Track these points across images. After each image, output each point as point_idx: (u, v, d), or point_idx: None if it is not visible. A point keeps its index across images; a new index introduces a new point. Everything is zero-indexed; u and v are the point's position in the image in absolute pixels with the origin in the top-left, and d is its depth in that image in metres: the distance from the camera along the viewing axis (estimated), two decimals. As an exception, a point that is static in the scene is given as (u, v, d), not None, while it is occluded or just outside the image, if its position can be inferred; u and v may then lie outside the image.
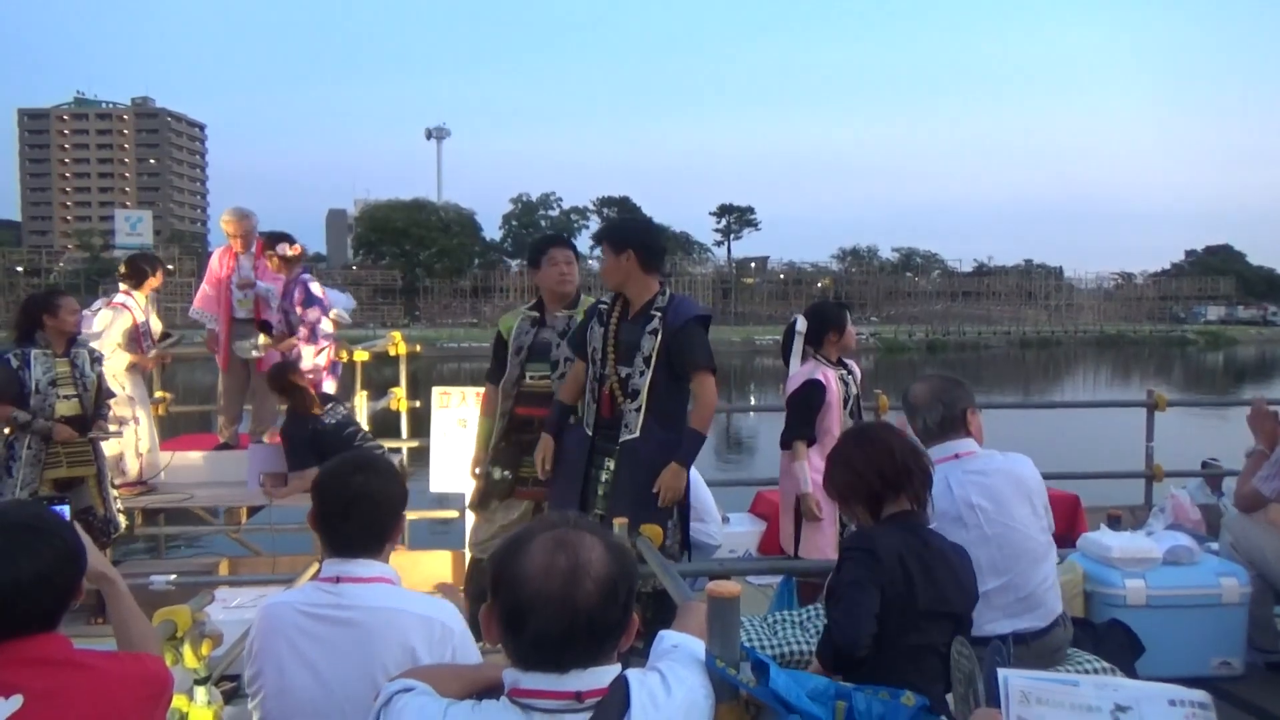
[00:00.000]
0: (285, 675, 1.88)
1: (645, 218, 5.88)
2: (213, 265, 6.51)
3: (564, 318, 3.94)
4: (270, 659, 1.91)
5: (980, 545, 2.51)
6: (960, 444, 2.68)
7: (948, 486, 2.59)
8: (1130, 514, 5.62)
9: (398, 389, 6.81)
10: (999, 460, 2.69)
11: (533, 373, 3.92)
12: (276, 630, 1.91)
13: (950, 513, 2.56)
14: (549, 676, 1.29)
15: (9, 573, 1.42)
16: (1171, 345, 63.06)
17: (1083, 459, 7.41)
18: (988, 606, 2.48)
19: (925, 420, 2.72)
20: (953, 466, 2.64)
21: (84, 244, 78.81)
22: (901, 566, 2.12)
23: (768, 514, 5.65)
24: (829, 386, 4.07)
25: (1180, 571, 3.46)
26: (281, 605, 1.95)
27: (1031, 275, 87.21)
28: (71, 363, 4.80)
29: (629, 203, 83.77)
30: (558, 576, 1.27)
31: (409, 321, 62.60)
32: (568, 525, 1.34)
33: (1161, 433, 6.26)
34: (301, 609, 1.90)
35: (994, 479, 2.63)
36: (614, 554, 1.32)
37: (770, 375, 39.14)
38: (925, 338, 62.79)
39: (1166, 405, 6.12)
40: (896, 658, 2.10)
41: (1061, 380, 40.20)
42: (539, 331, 3.94)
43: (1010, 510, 2.60)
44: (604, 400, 3.51)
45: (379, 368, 7.06)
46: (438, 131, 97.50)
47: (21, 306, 4.94)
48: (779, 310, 73.35)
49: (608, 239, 3.54)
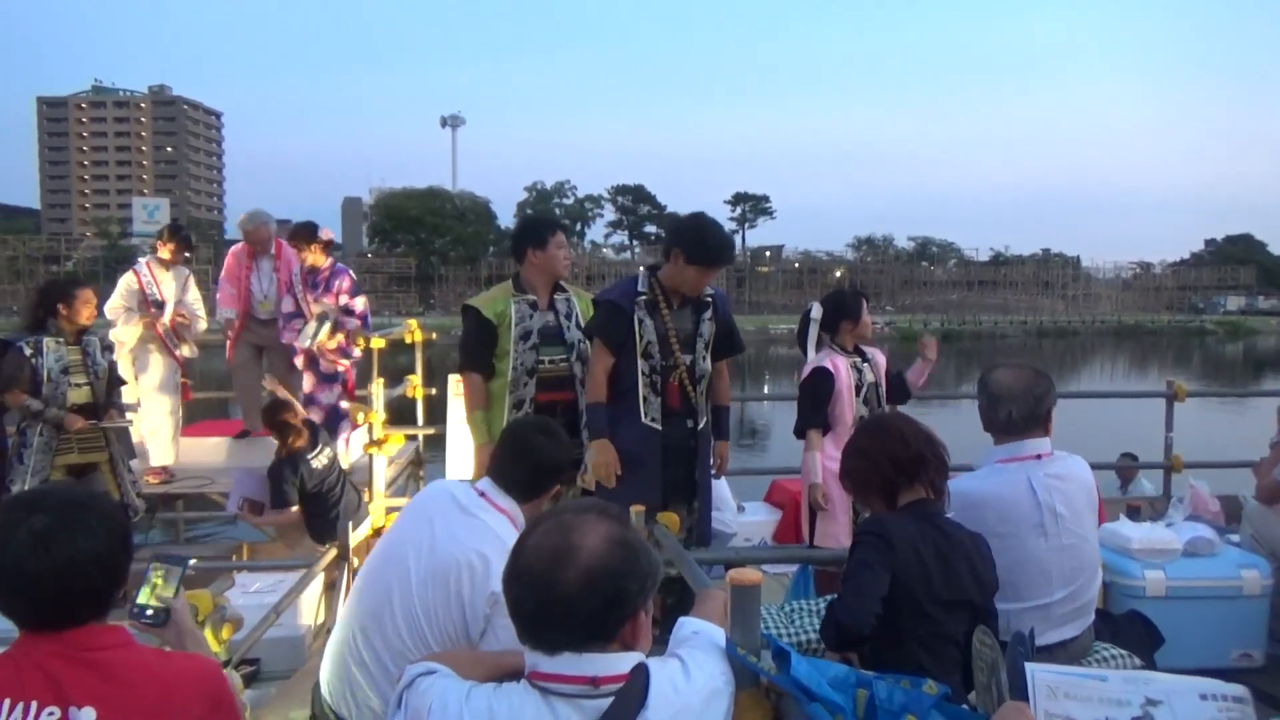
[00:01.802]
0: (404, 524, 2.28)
1: (700, 217, 5.53)
2: (230, 265, 6.56)
3: (563, 300, 3.94)
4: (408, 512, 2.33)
5: (1055, 554, 2.47)
6: (1041, 443, 2.57)
7: (1030, 489, 2.50)
8: (1149, 504, 5.58)
9: (413, 376, 6.82)
10: (1073, 465, 2.61)
11: (549, 357, 3.83)
12: (430, 493, 2.39)
13: (1032, 519, 2.48)
14: (562, 659, 1.29)
15: (66, 550, 1.40)
16: (1190, 335, 62.46)
17: (1101, 449, 7.36)
18: (1046, 618, 2.45)
19: (1011, 412, 2.55)
20: (1034, 468, 2.53)
21: (102, 231, 79.36)
22: (916, 554, 2.11)
23: (783, 502, 5.65)
24: (838, 374, 4.03)
25: (1200, 563, 3.44)
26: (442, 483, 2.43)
27: (1049, 265, 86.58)
28: (83, 350, 4.81)
29: (644, 191, 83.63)
30: (544, 556, 1.29)
31: (423, 309, 62.73)
32: (587, 510, 1.35)
33: (1180, 423, 6.21)
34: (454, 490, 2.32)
35: (1071, 486, 2.55)
36: (614, 547, 1.30)
37: (785, 364, 39.03)
38: (941, 327, 62.45)
39: (1186, 396, 6.07)
40: (915, 646, 2.09)
41: (1079, 370, 39.90)
42: (539, 316, 3.84)
43: (1084, 520, 2.56)
44: (671, 391, 3.54)
45: (393, 355, 7.07)
46: (453, 120, 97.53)
47: (38, 293, 4.92)
48: (794, 299, 73.12)
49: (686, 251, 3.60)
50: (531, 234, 3.94)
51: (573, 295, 4.01)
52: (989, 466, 2.61)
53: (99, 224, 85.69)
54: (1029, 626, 2.29)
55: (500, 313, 3.80)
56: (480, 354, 3.79)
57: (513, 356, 3.77)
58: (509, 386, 3.78)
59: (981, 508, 2.50)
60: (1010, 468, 2.55)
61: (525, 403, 3.80)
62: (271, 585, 4.44)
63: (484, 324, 3.78)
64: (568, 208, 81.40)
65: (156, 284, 6.13)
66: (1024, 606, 2.48)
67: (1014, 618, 2.43)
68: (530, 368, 3.79)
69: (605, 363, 3.52)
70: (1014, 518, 2.48)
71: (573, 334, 3.90)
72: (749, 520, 5.46)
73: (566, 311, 3.92)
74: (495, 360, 3.80)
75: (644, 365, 3.50)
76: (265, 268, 6.47)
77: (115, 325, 6.06)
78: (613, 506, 1.41)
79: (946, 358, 47.90)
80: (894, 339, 50.33)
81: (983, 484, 2.57)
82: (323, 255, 6.28)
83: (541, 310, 3.86)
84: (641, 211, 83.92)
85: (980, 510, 2.49)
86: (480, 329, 3.79)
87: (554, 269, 3.91)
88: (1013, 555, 2.46)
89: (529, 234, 3.96)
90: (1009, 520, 2.48)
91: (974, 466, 2.79)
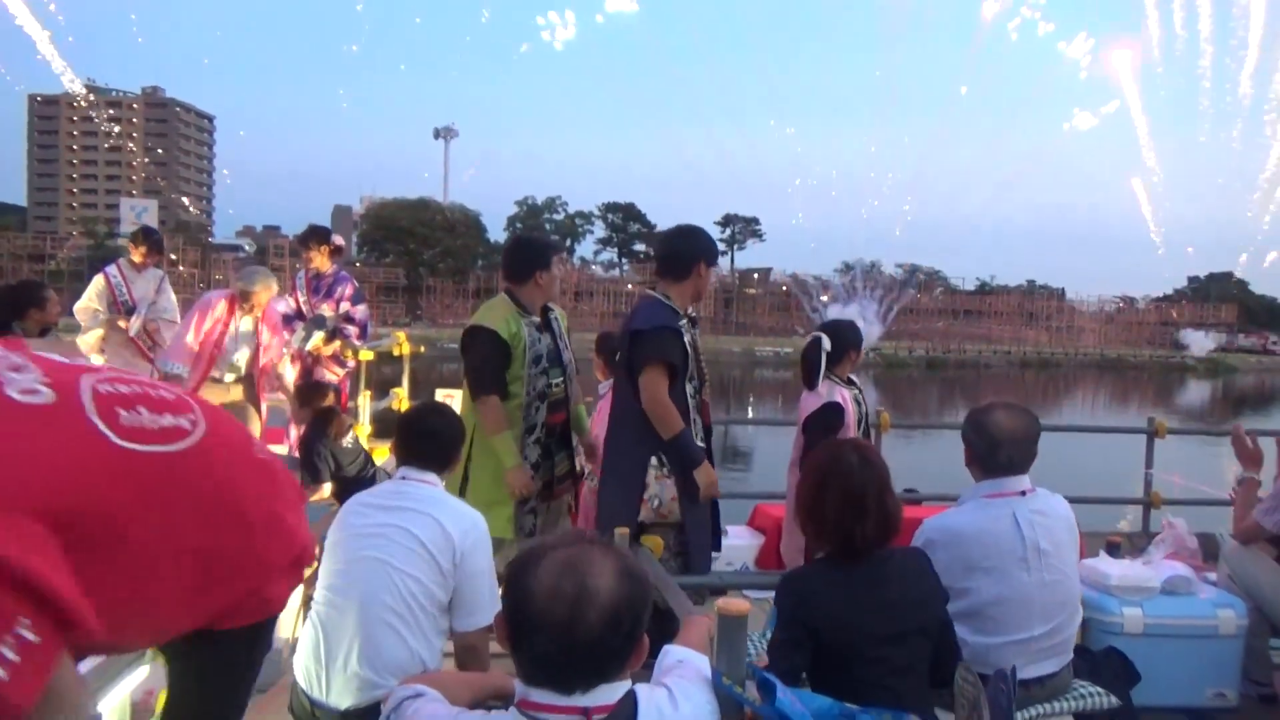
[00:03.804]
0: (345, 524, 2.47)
1: (693, 226, 5.39)
2: (202, 312, 5.59)
3: (555, 320, 3.96)
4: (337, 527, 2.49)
5: (1037, 590, 2.49)
6: (1023, 480, 2.61)
7: (1015, 524, 2.52)
8: (1128, 540, 5.63)
9: (399, 389, 6.82)
10: (1053, 501, 2.64)
11: (554, 380, 3.83)
12: (344, 510, 2.54)
13: (1016, 553, 2.50)
14: (556, 693, 1.30)
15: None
16: (1171, 371, 63.05)
17: (1081, 483, 7.42)
18: (1026, 652, 2.47)
19: (1011, 455, 2.57)
20: (1019, 504, 2.56)
21: (89, 231, 78.83)
22: (840, 604, 2.07)
23: (766, 527, 5.66)
24: (846, 408, 4.07)
25: (1178, 601, 3.46)
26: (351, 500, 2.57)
27: (1034, 296, 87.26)
28: None
29: (634, 209, 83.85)
30: (563, 601, 1.27)
31: (410, 320, 62.56)
32: (585, 544, 1.35)
33: (1160, 459, 6.27)
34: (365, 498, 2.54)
35: (1054, 522, 2.58)
36: (625, 580, 1.32)
37: (769, 387, 39.14)
38: (925, 355, 62.76)
39: (1167, 433, 6.14)
40: (882, 676, 2.07)
41: (1061, 402, 40.17)
42: (541, 337, 3.82)
43: (1066, 556, 2.58)
44: (705, 410, 3.66)
45: (379, 366, 7.06)
46: (446, 131, 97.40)
47: (3, 298, 4.79)
48: (779, 322, 73.34)
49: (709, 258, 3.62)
50: (540, 257, 3.88)
51: (556, 311, 4.01)
52: (974, 501, 2.64)
53: (86, 223, 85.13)
54: (1009, 661, 2.32)
55: (514, 334, 3.72)
56: (498, 376, 3.72)
57: (526, 381, 3.73)
58: (521, 411, 3.74)
59: (966, 542, 2.52)
60: (995, 503, 2.58)
61: (538, 427, 3.78)
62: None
63: (500, 345, 3.70)
64: (558, 223, 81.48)
65: (128, 286, 6.10)
66: (1005, 640, 2.50)
67: (994, 652, 2.45)
68: (541, 391, 3.77)
69: (665, 384, 3.44)
70: (998, 552, 2.50)
71: (567, 354, 3.93)
72: (732, 544, 5.46)
73: (559, 331, 3.94)
74: (508, 382, 3.76)
75: (690, 388, 3.53)
76: (246, 326, 5.70)
77: (85, 328, 6.04)
78: (590, 533, 1.43)
79: (931, 386, 47.69)
80: (879, 366, 50.54)
81: (968, 519, 2.59)
82: (329, 261, 6.28)
83: (543, 331, 3.85)
84: (631, 229, 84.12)
85: (965, 545, 2.52)
86: (497, 350, 3.71)
87: (553, 292, 3.95)
88: (996, 589, 2.49)
89: (538, 257, 3.87)
90: (993, 554, 2.51)
91: (958, 497, 2.81)
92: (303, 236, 6.36)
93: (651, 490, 3.49)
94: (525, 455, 3.75)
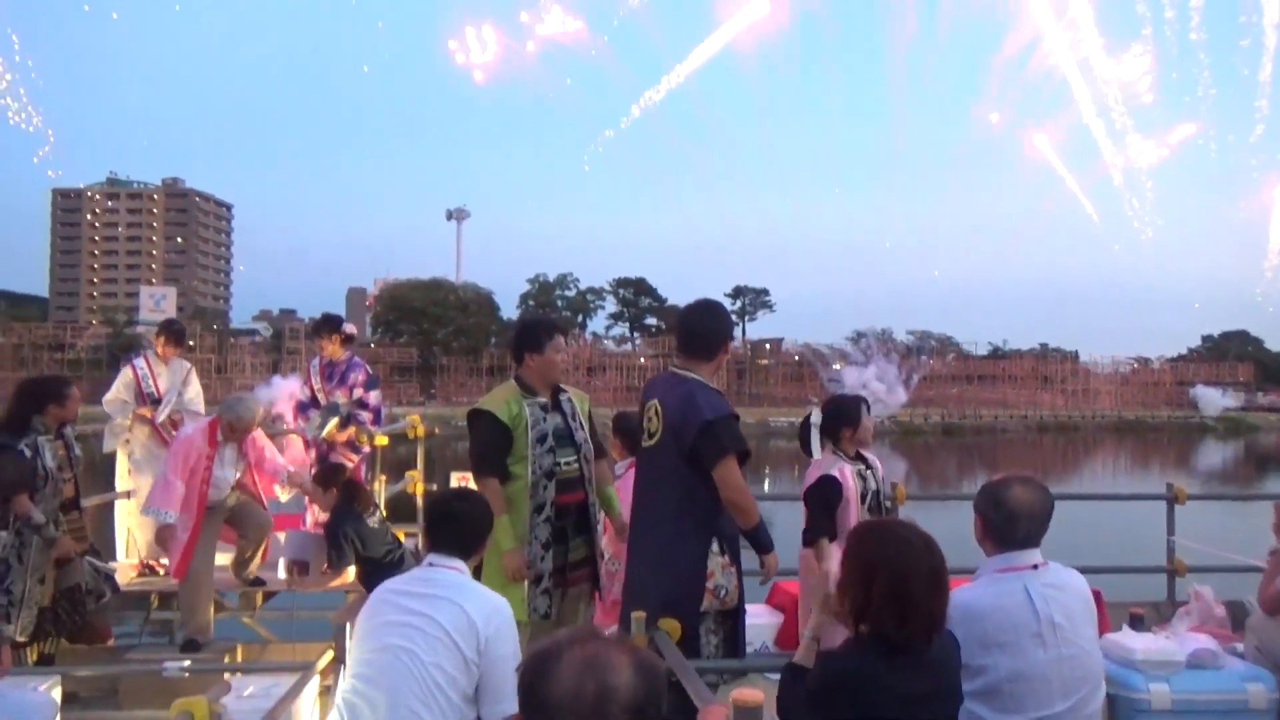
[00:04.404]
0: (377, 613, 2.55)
1: (709, 302, 5.44)
2: (183, 452, 5.20)
3: (565, 400, 3.97)
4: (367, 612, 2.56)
5: (1055, 665, 2.47)
6: (1035, 553, 2.60)
7: (1028, 598, 2.50)
8: (1154, 610, 5.52)
9: (414, 472, 6.83)
10: (1066, 575, 2.63)
11: (564, 459, 3.84)
12: (374, 598, 2.61)
13: (1031, 628, 2.48)
14: None
15: None
16: (1191, 431, 62.34)
17: (1103, 551, 7.31)
18: None
19: (1029, 530, 2.57)
20: (1031, 578, 2.55)
21: (108, 319, 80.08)
22: (879, 695, 2.05)
23: (784, 605, 5.58)
24: (845, 483, 4.06)
25: (1205, 675, 3.39)
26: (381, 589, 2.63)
27: (1047, 359, 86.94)
28: (66, 444, 4.85)
29: (645, 284, 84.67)
30: (585, 703, 1.28)
31: (424, 400, 62.80)
32: (598, 640, 1.37)
33: (1183, 525, 6.19)
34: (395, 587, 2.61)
35: (1068, 596, 2.57)
36: (643, 675, 1.33)
37: (786, 458, 38.83)
38: (941, 421, 62.35)
39: (1187, 498, 6.07)
40: None
41: (1081, 467, 39.71)
42: (550, 417, 3.86)
43: (1082, 630, 2.56)
44: None
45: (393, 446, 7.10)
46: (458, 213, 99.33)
47: (24, 391, 4.79)
48: (794, 392, 73.17)
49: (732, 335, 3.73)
50: (529, 338, 3.94)
51: (573, 395, 4.04)
52: (987, 577, 2.62)
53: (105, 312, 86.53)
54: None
55: (515, 415, 3.78)
56: (497, 459, 3.77)
57: (531, 460, 3.76)
58: (529, 490, 3.76)
59: (981, 619, 2.50)
60: (1008, 578, 2.56)
61: (546, 505, 3.79)
62: (265, 689, 4.36)
63: (500, 428, 3.77)
64: (570, 300, 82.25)
65: (153, 378, 6.23)
66: (1025, 719, 2.46)
67: (1016, 731, 2.41)
68: (549, 470, 3.80)
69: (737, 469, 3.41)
70: (1013, 628, 2.48)
71: (580, 434, 3.93)
72: (751, 623, 5.37)
73: (571, 412, 3.96)
74: (510, 464, 3.79)
75: None
76: (230, 452, 5.36)
77: (113, 418, 6.14)
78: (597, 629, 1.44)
79: (949, 453, 47.03)
80: (895, 433, 50.20)
81: (982, 595, 2.57)
82: (341, 348, 6.38)
83: (551, 411, 3.88)
84: (643, 304, 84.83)
85: (980, 622, 2.49)
86: (497, 434, 3.77)
87: (550, 375, 3.95)
88: (1012, 666, 2.46)
89: (526, 338, 3.95)
90: (1007, 630, 2.48)
91: (973, 571, 2.79)
92: (315, 326, 6.49)
93: (718, 580, 3.43)
94: (535, 534, 3.76)
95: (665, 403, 3.48)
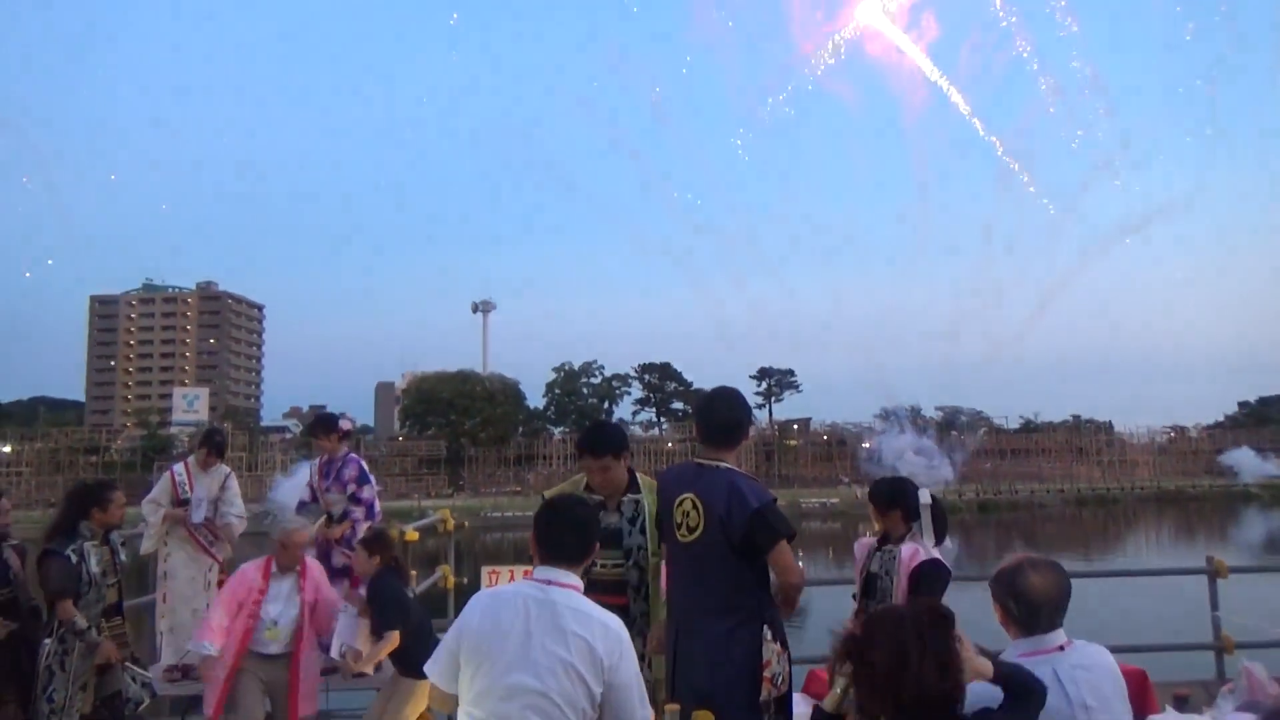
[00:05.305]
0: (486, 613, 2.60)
1: (728, 392, 5.59)
2: (234, 585, 5.16)
3: (630, 502, 3.91)
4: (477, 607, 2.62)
5: None
6: (1059, 634, 2.59)
7: (1057, 681, 2.49)
8: (1203, 689, 5.36)
9: (445, 566, 6.85)
10: (1094, 653, 2.61)
11: (604, 560, 3.75)
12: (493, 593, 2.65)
13: (1064, 713, 2.46)
14: None
15: None
16: (1233, 500, 60.69)
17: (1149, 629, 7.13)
18: None
19: (1050, 616, 2.57)
20: (1058, 660, 2.54)
21: (142, 422, 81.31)
22: None
23: (820, 694, 5.47)
24: (856, 560, 4.11)
25: (1256, 756, 3.31)
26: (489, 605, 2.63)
27: (1081, 431, 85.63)
28: (111, 549, 4.93)
29: (670, 368, 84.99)
30: None
31: (453, 491, 62.74)
32: None
33: (1231, 599, 6.05)
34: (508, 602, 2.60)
35: (1097, 675, 2.55)
36: None
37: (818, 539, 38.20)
38: (976, 497, 61.19)
39: (1229, 572, 5.95)
40: None
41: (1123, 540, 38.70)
42: (604, 516, 3.78)
43: (1114, 709, 2.54)
44: None
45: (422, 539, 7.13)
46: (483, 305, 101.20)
47: (71, 497, 4.91)
48: (824, 472, 72.39)
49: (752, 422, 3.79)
50: (583, 444, 4.02)
51: (645, 498, 3.92)
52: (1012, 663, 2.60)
53: (140, 414, 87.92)
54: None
55: None
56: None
57: None
58: None
59: None
60: (1034, 661, 2.53)
61: None
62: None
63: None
64: (595, 387, 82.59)
65: (190, 483, 6.30)
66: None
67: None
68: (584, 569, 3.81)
69: None
70: (1045, 715, 2.44)
71: (633, 539, 3.86)
72: (788, 713, 5.28)
73: (632, 515, 3.90)
74: None
75: None
76: (286, 587, 5.21)
77: (148, 520, 6.25)
78: None
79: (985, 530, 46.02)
80: (928, 511, 49.09)
81: None
82: (339, 444, 6.46)
83: (608, 510, 3.86)
84: (668, 389, 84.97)
85: None
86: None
87: (592, 481, 3.93)
88: (1048, 754, 2.42)
89: (582, 443, 4.04)
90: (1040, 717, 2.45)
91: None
92: (310, 427, 6.55)
93: (774, 668, 3.40)
94: None
95: (704, 495, 3.48)
